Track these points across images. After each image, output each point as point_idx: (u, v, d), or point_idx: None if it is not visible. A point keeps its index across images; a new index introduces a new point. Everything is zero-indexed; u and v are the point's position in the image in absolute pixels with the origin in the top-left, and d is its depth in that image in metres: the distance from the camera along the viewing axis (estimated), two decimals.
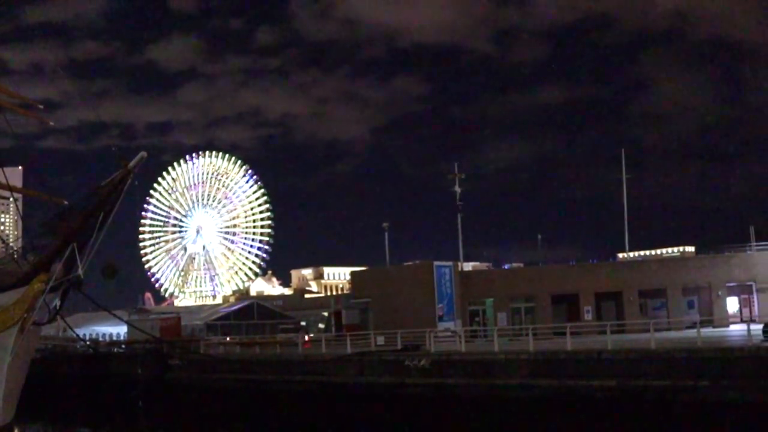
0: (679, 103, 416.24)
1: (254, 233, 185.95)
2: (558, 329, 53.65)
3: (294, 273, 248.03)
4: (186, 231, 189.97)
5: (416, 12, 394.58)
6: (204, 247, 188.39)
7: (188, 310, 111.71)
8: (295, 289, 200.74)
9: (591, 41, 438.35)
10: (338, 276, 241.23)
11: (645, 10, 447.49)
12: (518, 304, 75.45)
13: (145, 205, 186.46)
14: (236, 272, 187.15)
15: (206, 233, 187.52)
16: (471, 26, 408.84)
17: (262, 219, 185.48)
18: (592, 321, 69.94)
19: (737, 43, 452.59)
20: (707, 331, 50.28)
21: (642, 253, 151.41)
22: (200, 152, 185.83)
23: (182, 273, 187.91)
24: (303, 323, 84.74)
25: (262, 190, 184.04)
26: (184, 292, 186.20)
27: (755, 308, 77.21)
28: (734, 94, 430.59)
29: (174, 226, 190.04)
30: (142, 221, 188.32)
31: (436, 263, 72.81)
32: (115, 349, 77.47)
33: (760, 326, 45.96)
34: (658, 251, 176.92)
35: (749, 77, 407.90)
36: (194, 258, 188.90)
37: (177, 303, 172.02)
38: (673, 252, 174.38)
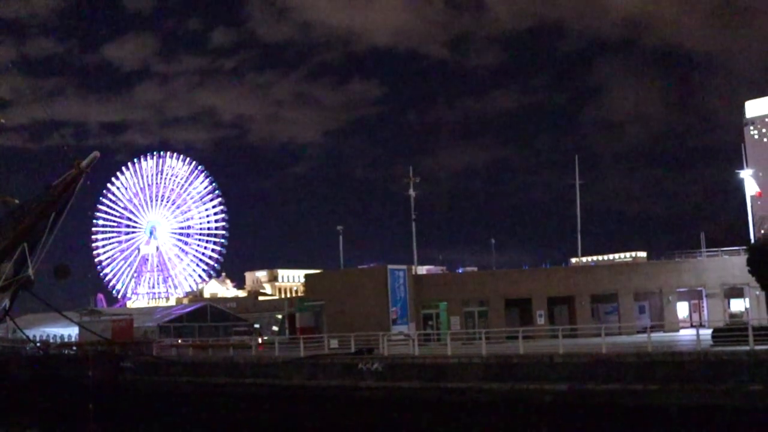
0: (632, 111, 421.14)
1: (208, 235, 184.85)
2: (511, 333, 54.00)
3: (248, 275, 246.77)
4: (139, 232, 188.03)
5: (372, 16, 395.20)
6: (157, 248, 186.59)
7: (141, 311, 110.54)
8: (249, 292, 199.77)
9: (545, 48, 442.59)
10: (292, 278, 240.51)
11: (598, 18, 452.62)
12: (471, 308, 75.92)
13: (98, 206, 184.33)
14: (190, 274, 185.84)
15: (160, 234, 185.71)
16: (427, 31, 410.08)
17: (216, 221, 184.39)
18: (545, 325, 70.52)
19: (689, 52, 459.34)
20: (658, 336, 50.90)
21: (594, 258, 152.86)
22: (154, 153, 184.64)
23: (135, 274, 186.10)
24: (257, 326, 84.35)
25: (217, 192, 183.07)
26: (137, 294, 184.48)
27: (705, 313, 78.45)
28: (686, 102, 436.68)
29: (127, 227, 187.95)
30: (95, 222, 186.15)
31: (390, 267, 72.99)
32: (66, 351, 76.42)
33: (710, 331, 46.71)
34: (611, 256, 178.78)
35: (700, 85, 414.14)
36: (147, 259, 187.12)
37: (130, 304, 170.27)
38: (625, 257, 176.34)
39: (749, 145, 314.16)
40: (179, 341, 73.53)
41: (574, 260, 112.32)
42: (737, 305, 78.33)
